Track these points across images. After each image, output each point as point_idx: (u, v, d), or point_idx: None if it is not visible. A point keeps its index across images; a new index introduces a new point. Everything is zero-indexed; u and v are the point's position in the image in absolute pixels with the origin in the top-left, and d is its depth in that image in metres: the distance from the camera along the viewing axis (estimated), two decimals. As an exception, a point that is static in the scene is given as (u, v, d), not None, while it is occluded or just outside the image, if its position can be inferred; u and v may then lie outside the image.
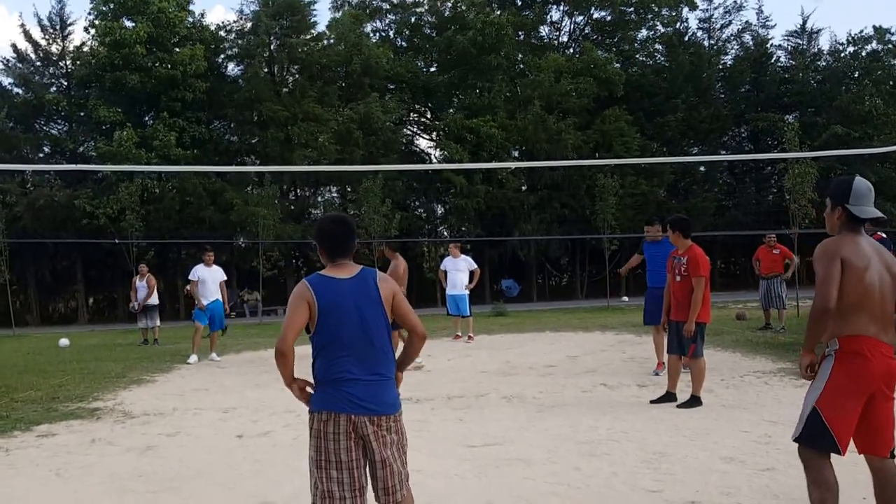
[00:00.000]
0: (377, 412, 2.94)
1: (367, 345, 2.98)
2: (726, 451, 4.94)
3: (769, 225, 22.67)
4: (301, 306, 3.00)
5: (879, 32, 34.90)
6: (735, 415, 6.09)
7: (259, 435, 6.05)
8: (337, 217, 3.27)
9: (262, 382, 9.05)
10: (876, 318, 3.08)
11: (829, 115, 31.84)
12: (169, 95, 28.76)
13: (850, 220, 3.22)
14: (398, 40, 36.84)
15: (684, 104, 33.33)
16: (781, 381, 7.68)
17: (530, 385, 7.92)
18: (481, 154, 29.34)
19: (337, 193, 34.83)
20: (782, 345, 10.33)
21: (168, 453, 5.54)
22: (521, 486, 4.33)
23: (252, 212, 25.95)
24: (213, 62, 31.65)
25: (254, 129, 31.47)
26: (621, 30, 37.16)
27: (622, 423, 5.94)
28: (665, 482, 4.32)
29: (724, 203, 35.32)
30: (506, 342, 12.56)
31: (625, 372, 8.68)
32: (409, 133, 37.72)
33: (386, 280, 3.11)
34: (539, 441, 5.40)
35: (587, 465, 4.72)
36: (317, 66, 31.97)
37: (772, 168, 34.45)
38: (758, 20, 36.57)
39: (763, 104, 35.21)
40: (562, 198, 31.38)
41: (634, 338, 12.25)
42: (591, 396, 7.21)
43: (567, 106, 31.34)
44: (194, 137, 29.36)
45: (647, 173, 31.60)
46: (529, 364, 9.58)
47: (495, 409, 6.77)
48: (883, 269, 3.15)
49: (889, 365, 3.06)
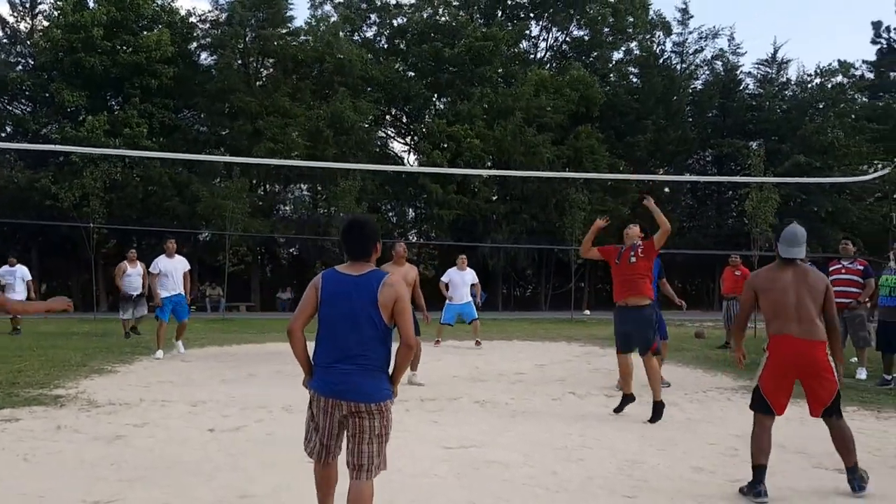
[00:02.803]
0: (351, 398, 3.25)
1: (354, 338, 3.25)
2: (695, 461, 5.09)
3: (728, 247, 23.20)
4: (311, 293, 3.37)
5: (844, 66, 36.09)
6: (701, 428, 6.25)
7: (231, 429, 6.00)
8: (355, 221, 3.50)
9: (229, 377, 8.97)
10: (791, 321, 4.37)
11: (793, 144, 32.72)
12: (132, 82, 28.21)
13: (779, 256, 4.56)
14: (378, 42, 36.83)
15: (654, 125, 33.94)
16: (744, 397, 7.87)
17: (501, 391, 8.00)
18: (458, 162, 29.45)
19: (308, 191, 34.57)
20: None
21: (138, 443, 5.47)
22: (500, 488, 4.40)
23: (219, 204, 25.63)
24: (184, 49, 31.15)
25: (224, 120, 31.06)
26: (598, 49, 37.73)
27: (594, 430, 6.06)
28: (640, 488, 4.43)
29: (685, 224, 36.04)
30: (474, 349, 12.64)
31: (592, 382, 8.83)
32: (383, 136, 37.69)
33: (391, 286, 3.31)
34: (515, 445, 5.48)
35: (564, 470, 4.81)
36: (291, 62, 31.77)
37: (733, 192, 35.28)
38: (729, 47, 37.49)
39: (729, 129, 36.04)
40: (531, 210, 31.66)
41: (599, 350, 12.44)
42: (560, 404, 7.33)
43: (543, 121, 31.71)
44: (163, 124, 28.84)
45: (614, 191, 32.09)
46: (499, 371, 9.67)
47: (469, 412, 6.84)
48: (803, 288, 4.41)
49: (799, 349, 4.35)
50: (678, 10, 40.52)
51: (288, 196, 34.73)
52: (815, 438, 5.75)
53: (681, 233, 33.96)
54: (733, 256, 13.46)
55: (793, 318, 4.36)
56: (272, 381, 8.66)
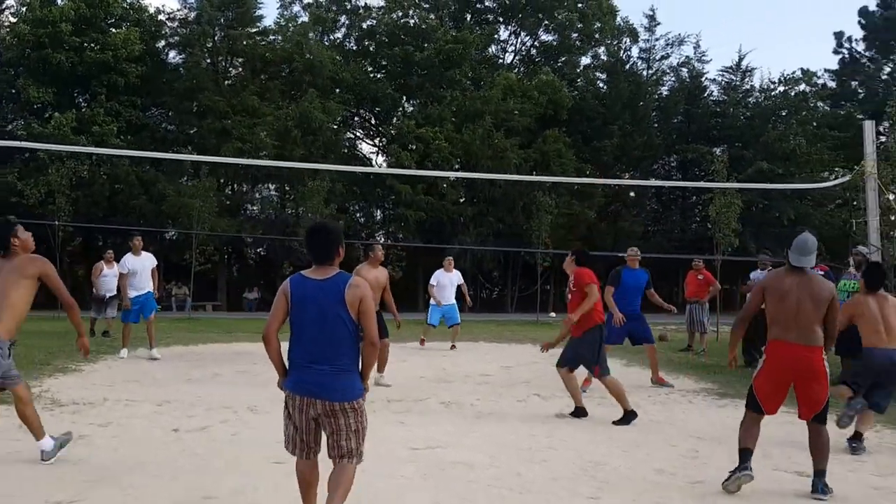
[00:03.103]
0: (325, 397, 3.41)
1: (325, 339, 3.42)
2: (657, 463, 5.19)
3: (692, 252, 23.61)
4: (281, 299, 3.53)
5: (807, 75, 36.94)
6: (663, 430, 6.37)
7: (196, 430, 5.96)
8: (319, 226, 3.68)
9: (195, 377, 8.89)
10: (788, 326, 4.52)
11: (756, 151, 33.39)
12: (100, 80, 27.72)
13: (788, 263, 4.71)
14: (348, 44, 36.70)
15: (620, 130, 34.35)
16: (705, 399, 8.07)
17: (467, 392, 8.06)
18: (427, 164, 29.49)
19: (276, 191, 34.30)
20: (703, 366, 10.81)
21: (102, 443, 5.41)
22: (465, 489, 4.45)
23: (186, 203, 25.32)
24: (152, 48, 30.72)
25: (192, 119, 30.72)
26: (566, 53, 38.07)
27: (559, 431, 6.14)
28: (603, 489, 4.51)
29: (650, 228, 36.53)
30: (441, 350, 12.68)
31: (557, 384, 8.86)
32: (351, 137, 37.55)
33: (356, 287, 3.47)
34: (480, 446, 5.53)
35: (528, 471, 4.87)
36: (259, 61, 31.51)
37: (697, 198, 35.88)
38: (694, 54, 38.13)
39: (693, 136, 36.63)
40: (498, 213, 31.83)
41: (565, 353, 12.57)
42: (526, 406, 7.41)
43: (511, 125, 31.91)
44: (130, 122, 28.41)
45: (580, 195, 32.42)
46: (465, 372, 9.73)
47: (435, 414, 6.88)
48: (805, 295, 4.53)
49: (794, 354, 4.49)
50: (645, 16, 41.18)
51: (256, 196, 34.45)
52: (774, 442, 5.91)
53: (645, 237, 34.47)
54: (696, 261, 13.67)
55: (792, 324, 4.49)
56: (238, 382, 8.60)
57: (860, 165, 8.62)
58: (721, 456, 5.42)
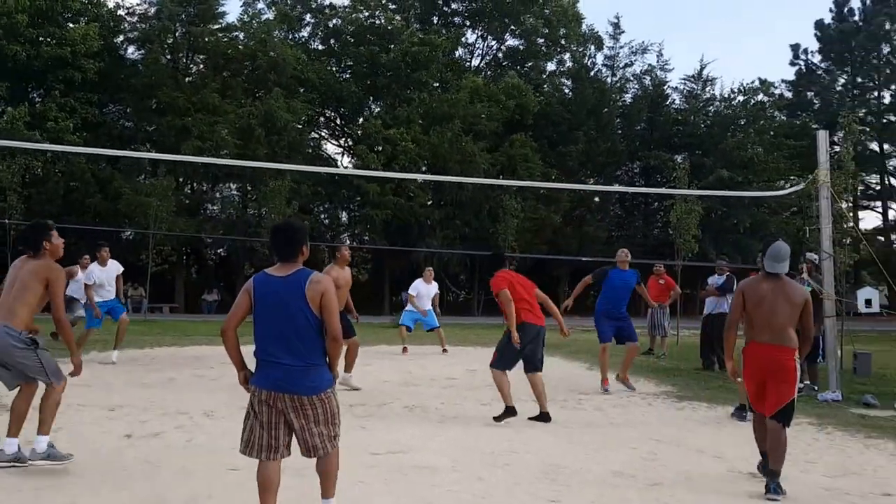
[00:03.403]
0: (293, 391, 3.47)
1: (291, 335, 3.49)
2: (617, 465, 5.20)
3: (654, 257, 23.94)
4: (243, 297, 3.60)
5: (765, 85, 37.82)
6: (623, 432, 6.41)
7: (149, 435, 5.81)
8: (284, 225, 3.82)
9: (149, 381, 8.68)
10: (763, 328, 4.75)
11: (716, 158, 34.04)
12: (56, 75, 27.01)
13: (764, 270, 4.92)
14: (313, 43, 36.41)
15: (585, 136, 34.72)
16: (664, 402, 8.15)
17: (432, 396, 8.02)
18: (393, 166, 29.38)
19: (237, 191, 33.80)
20: (663, 370, 10.93)
21: (50, 449, 5.21)
22: (427, 494, 4.40)
23: (143, 202, 24.81)
24: (110, 43, 30.07)
25: (151, 116, 30.15)
26: (532, 59, 38.34)
27: (521, 435, 6.13)
28: (562, 493, 4.51)
29: (613, 234, 36.97)
30: (401, 355, 12.59)
31: (521, 387, 8.89)
32: (316, 137, 37.24)
33: (318, 282, 3.54)
34: (443, 450, 5.49)
35: (490, 475, 4.84)
36: (222, 58, 31.07)
37: (659, 204, 36.44)
38: (657, 62, 38.73)
39: (656, 143, 37.23)
40: (465, 216, 31.89)
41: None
42: (490, 409, 7.37)
43: (478, 128, 31.99)
44: (86, 119, 27.74)
45: (546, 199, 32.65)
46: (430, 376, 9.69)
47: (398, 418, 6.82)
48: (780, 299, 4.76)
49: (767, 353, 4.72)
50: (610, 24, 41.63)
51: (216, 195, 33.90)
52: (729, 443, 5.99)
53: (609, 242, 34.88)
54: (657, 266, 13.87)
55: (766, 327, 4.73)
56: (194, 386, 8.43)
57: (814, 174, 8.78)
58: (679, 458, 5.47)
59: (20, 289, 4.77)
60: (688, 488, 4.68)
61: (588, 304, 41.57)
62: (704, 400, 8.20)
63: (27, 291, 4.76)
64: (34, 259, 4.86)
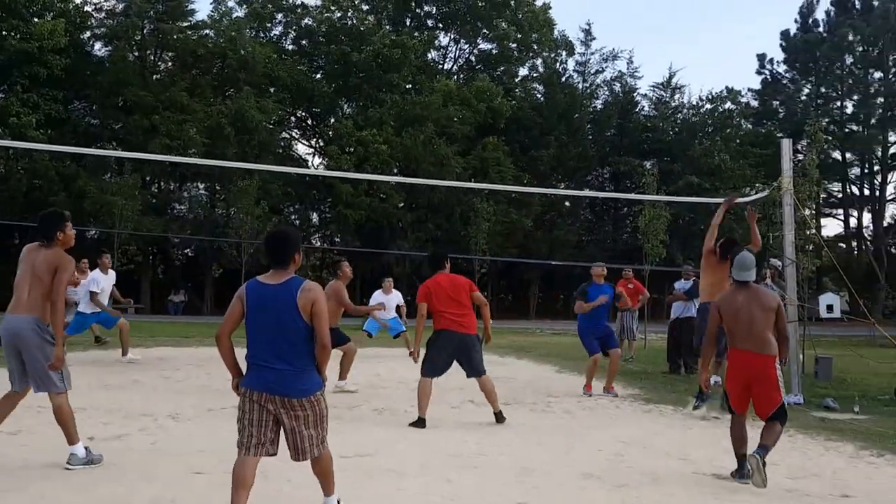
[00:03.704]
0: (285, 395, 3.58)
1: (282, 340, 3.58)
2: (585, 467, 5.24)
3: (622, 262, 24.18)
4: (237, 304, 3.68)
5: (732, 94, 38.50)
6: (592, 435, 6.46)
7: (112, 438, 5.71)
8: (277, 232, 3.89)
9: (113, 383, 8.53)
10: (744, 337, 4.99)
11: (684, 165, 34.55)
12: (21, 71, 26.43)
13: (734, 281, 5.23)
14: (285, 42, 36.16)
15: (557, 141, 34.99)
16: (631, 405, 8.24)
17: (401, 399, 7.99)
18: (366, 167, 29.29)
19: (205, 190, 33.38)
20: (631, 373, 11.06)
21: (10, 452, 5.14)
22: (394, 497, 4.39)
23: (108, 201, 24.38)
24: (76, 39, 29.52)
25: (118, 113, 29.66)
26: (505, 63, 38.54)
27: (490, 437, 6.15)
28: (531, 495, 4.53)
29: (584, 238, 37.31)
30: (376, 356, 12.57)
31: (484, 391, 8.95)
32: (287, 137, 36.97)
33: (309, 291, 3.62)
34: (411, 453, 5.47)
35: (458, 477, 4.85)
36: (191, 56, 30.71)
37: (628, 209, 36.84)
38: (627, 69, 39.21)
39: (625, 149, 37.65)
40: (437, 219, 31.91)
41: (498, 358, 12.66)
42: (459, 412, 7.40)
43: (451, 132, 32.03)
44: (50, 115, 27.18)
45: (517, 203, 32.82)
46: (399, 378, 9.67)
47: (367, 421, 6.80)
48: (755, 307, 5.01)
49: (748, 361, 4.97)
50: (581, 30, 42.11)
51: (184, 195, 33.44)
52: (695, 446, 6.08)
53: (579, 246, 35.23)
54: (626, 270, 14.01)
55: (746, 335, 4.98)
56: (159, 388, 8.30)
57: (778, 181, 8.97)
58: (645, 459, 5.54)
59: (37, 282, 4.76)
60: (653, 489, 4.74)
61: (557, 307, 41.89)
62: (671, 403, 8.31)
63: (43, 284, 4.76)
64: (46, 248, 4.82)
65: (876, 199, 41.12)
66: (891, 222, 42.52)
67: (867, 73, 39.86)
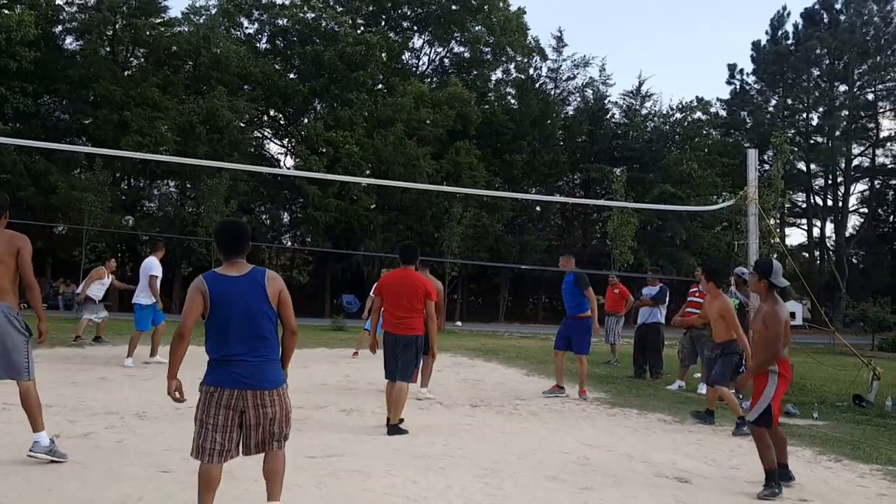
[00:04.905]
0: (257, 387, 3.54)
1: (252, 332, 3.56)
2: (550, 470, 5.34)
3: (591, 267, 24.46)
4: (196, 298, 3.56)
5: (703, 105, 39.18)
6: (557, 437, 6.57)
7: (78, 436, 5.66)
8: (231, 222, 3.90)
9: (80, 380, 8.43)
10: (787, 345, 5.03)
11: (654, 173, 35.04)
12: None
13: (777, 287, 5.08)
14: (259, 41, 35.92)
15: (529, 146, 35.25)
16: (597, 409, 8.37)
17: (369, 400, 8.03)
18: (337, 168, 29.20)
19: (175, 188, 32.99)
20: (597, 377, 11.19)
21: (-29, 451, 5.04)
22: (360, 498, 4.43)
23: (77, 197, 24.01)
24: (47, 32, 29.01)
25: (88, 108, 29.24)
26: (478, 67, 38.72)
27: (457, 439, 6.21)
28: (496, 496, 4.60)
29: (554, 242, 37.65)
30: (345, 356, 12.58)
31: (459, 392, 9.05)
32: (259, 136, 36.70)
33: (275, 279, 3.68)
34: (378, 454, 5.52)
35: (424, 479, 4.90)
36: (164, 52, 30.36)
37: (598, 215, 37.26)
38: (599, 76, 39.70)
39: (596, 155, 38.09)
40: (408, 221, 31.92)
41: (468, 360, 12.76)
42: (427, 413, 7.45)
43: (423, 134, 32.06)
44: (18, 109, 26.66)
45: (489, 207, 33.00)
46: (368, 379, 9.69)
47: (335, 421, 6.82)
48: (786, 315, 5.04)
49: None
50: (554, 37, 42.47)
51: (154, 192, 33.04)
52: (657, 449, 6.21)
53: (549, 251, 35.50)
54: (612, 276, 14.22)
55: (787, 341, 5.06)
56: (125, 386, 8.23)
57: (743, 191, 9.19)
58: (609, 462, 5.65)
59: (2, 266, 4.66)
60: (616, 491, 4.84)
61: (527, 311, 41.93)
62: (635, 407, 8.46)
63: (6, 267, 4.67)
64: None
65: (839, 209, 42.15)
66: (853, 233, 43.61)
67: (833, 86, 40.85)
